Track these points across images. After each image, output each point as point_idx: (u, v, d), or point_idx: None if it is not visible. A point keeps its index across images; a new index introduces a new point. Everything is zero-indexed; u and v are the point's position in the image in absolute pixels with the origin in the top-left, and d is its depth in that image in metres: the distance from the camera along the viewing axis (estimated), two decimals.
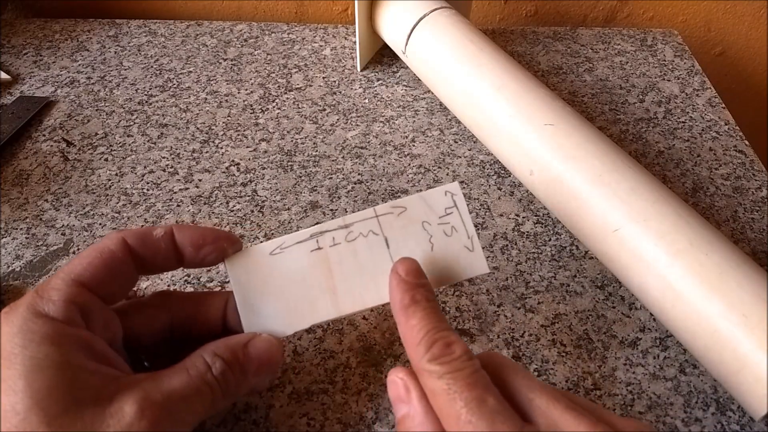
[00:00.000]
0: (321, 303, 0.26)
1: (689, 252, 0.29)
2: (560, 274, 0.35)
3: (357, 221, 0.26)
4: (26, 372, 0.19)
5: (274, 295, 0.26)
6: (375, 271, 0.26)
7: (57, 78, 0.50)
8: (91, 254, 0.24)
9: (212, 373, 0.23)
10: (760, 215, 0.39)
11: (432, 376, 0.21)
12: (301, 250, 0.26)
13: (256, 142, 0.44)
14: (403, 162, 0.42)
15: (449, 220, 0.26)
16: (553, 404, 0.21)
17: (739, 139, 0.44)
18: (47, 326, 0.21)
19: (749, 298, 0.27)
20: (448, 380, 0.21)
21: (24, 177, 0.41)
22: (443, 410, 0.21)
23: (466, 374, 0.21)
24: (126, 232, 0.25)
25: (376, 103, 0.47)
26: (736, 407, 0.29)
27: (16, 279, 0.35)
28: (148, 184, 0.41)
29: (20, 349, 0.20)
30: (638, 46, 0.54)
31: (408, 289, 0.24)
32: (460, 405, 0.20)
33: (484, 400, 0.20)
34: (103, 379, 0.21)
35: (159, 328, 0.26)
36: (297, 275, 0.26)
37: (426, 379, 0.21)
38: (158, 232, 0.25)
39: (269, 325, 0.26)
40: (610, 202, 0.32)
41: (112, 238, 0.24)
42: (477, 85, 0.39)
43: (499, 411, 0.20)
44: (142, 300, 0.27)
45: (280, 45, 0.53)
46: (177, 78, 0.50)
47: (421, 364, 0.22)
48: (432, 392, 0.21)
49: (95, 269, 0.23)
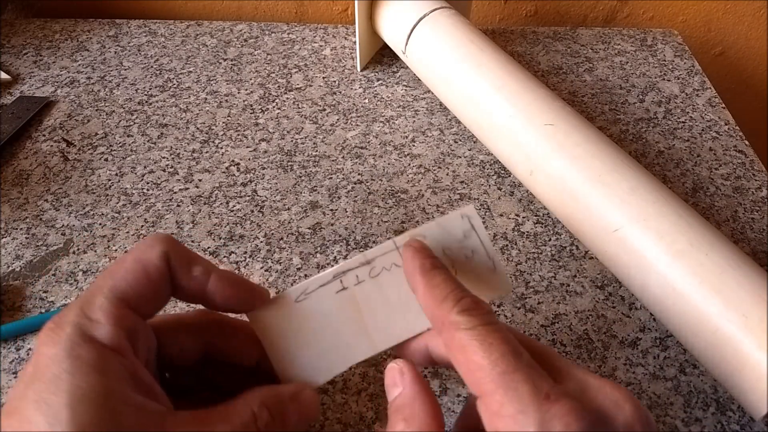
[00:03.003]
0: (355, 343, 0.25)
1: (689, 252, 0.29)
2: (560, 274, 0.35)
3: (378, 255, 0.25)
4: (72, 402, 0.19)
5: (306, 343, 0.25)
6: (403, 304, 0.25)
7: (57, 78, 0.50)
8: (135, 267, 0.22)
9: (257, 426, 0.22)
10: (760, 215, 0.39)
11: (462, 328, 0.20)
12: (327, 293, 0.25)
13: (256, 142, 0.44)
14: (403, 162, 0.42)
15: (469, 243, 0.26)
16: (575, 368, 0.21)
17: (739, 139, 0.44)
18: (96, 353, 0.20)
19: (749, 298, 0.27)
20: (482, 331, 0.20)
21: (24, 177, 0.41)
22: (474, 361, 0.20)
23: (499, 328, 0.20)
24: (170, 247, 0.23)
25: (376, 103, 0.47)
26: (736, 407, 0.29)
27: (16, 279, 0.35)
28: (148, 184, 0.41)
29: (68, 376, 0.19)
30: (638, 46, 0.54)
31: (428, 256, 0.23)
32: (497, 356, 0.19)
33: (520, 353, 0.20)
34: (146, 418, 0.20)
35: (194, 350, 0.25)
36: (326, 319, 0.25)
37: (454, 332, 0.21)
38: (197, 271, 0.23)
39: (306, 373, 0.25)
40: (610, 202, 0.32)
41: (157, 250, 0.23)
42: (477, 85, 0.39)
43: (533, 366, 0.20)
44: (181, 317, 0.25)
45: (280, 45, 0.53)
46: (177, 78, 0.50)
47: (449, 317, 0.21)
48: (461, 345, 0.20)
49: (140, 287, 0.22)
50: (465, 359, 0.20)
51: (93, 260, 0.36)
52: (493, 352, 0.20)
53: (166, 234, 0.24)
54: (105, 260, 0.36)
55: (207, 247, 0.37)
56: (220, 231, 0.38)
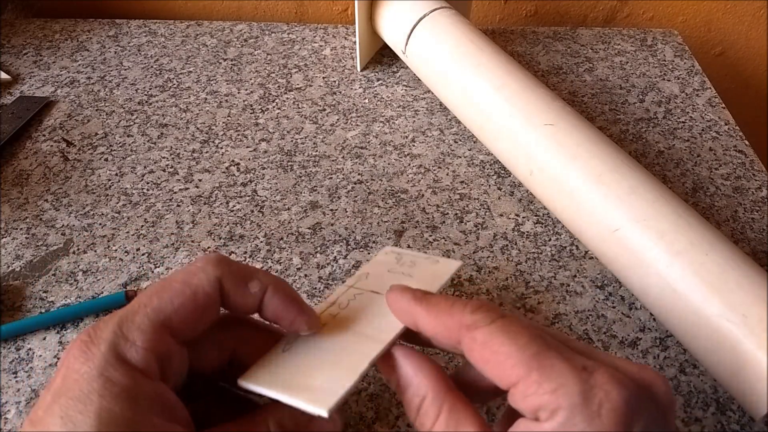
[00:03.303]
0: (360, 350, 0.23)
1: (689, 252, 0.29)
2: (560, 274, 0.35)
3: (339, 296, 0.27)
4: (99, 424, 0.19)
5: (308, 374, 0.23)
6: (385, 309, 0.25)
7: (57, 78, 0.50)
8: (184, 292, 0.22)
9: None
10: (760, 215, 0.39)
11: (482, 325, 0.20)
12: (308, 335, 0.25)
13: (256, 142, 0.44)
14: (403, 162, 0.42)
15: (405, 260, 0.29)
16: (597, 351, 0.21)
17: (739, 139, 0.44)
18: (127, 378, 0.20)
19: (749, 298, 0.27)
20: (502, 323, 0.20)
21: (24, 177, 0.41)
22: (502, 352, 0.20)
23: (518, 318, 0.20)
24: (224, 270, 0.22)
25: (376, 103, 0.47)
26: (736, 407, 0.29)
27: (16, 279, 0.35)
28: (148, 184, 0.41)
29: (98, 397, 0.19)
30: (638, 46, 0.54)
31: (409, 290, 0.23)
32: (524, 341, 0.19)
33: (545, 337, 0.20)
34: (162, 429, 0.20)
35: (221, 359, 0.24)
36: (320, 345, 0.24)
37: (473, 332, 0.20)
38: (254, 287, 0.23)
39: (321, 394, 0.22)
40: (610, 202, 0.32)
41: (209, 275, 0.22)
42: (477, 85, 0.39)
43: (562, 347, 0.20)
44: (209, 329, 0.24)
45: (280, 45, 0.53)
46: (177, 78, 0.50)
47: (464, 320, 0.21)
48: (484, 342, 0.20)
49: (186, 313, 0.21)
50: (492, 353, 0.20)
51: (93, 260, 0.36)
52: (519, 338, 0.19)
53: (219, 255, 0.23)
54: (105, 260, 0.36)
55: (207, 247, 0.37)
56: (220, 231, 0.38)
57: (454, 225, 0.38)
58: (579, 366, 0.19)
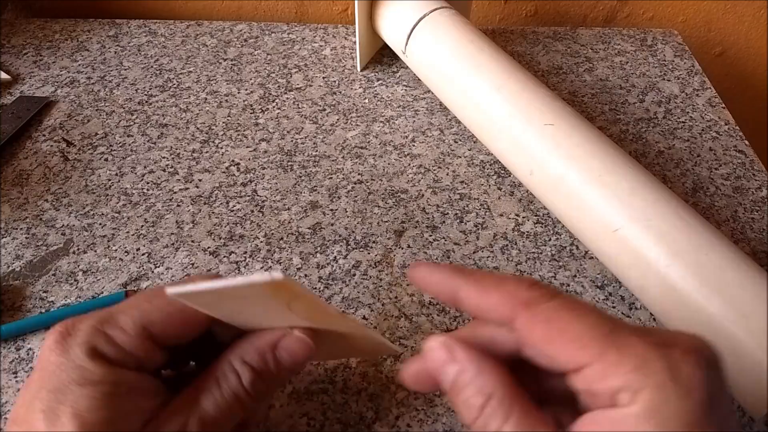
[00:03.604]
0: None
1: (689, 252, 0.29)
2: (560, 274, 0.35)
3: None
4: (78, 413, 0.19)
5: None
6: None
7: (57, 78, 0.50)
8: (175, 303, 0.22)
9: (243, 385, 0.22)
10: (760, 215, 0.39)
11: (541, 301, 0.19)
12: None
13: (256, 142, 0.44)
14: (403, 162, 0.42)
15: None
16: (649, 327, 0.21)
17: (739, 139, 0.44)
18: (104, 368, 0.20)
19: (749, 298, 0.27)
20: (564, 301, 0.19)
21: (24, 177, 0.41)
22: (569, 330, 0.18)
23: (575, 297, 0.20)
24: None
25: (376, 103, 0.47)
26: (736, 407, 0.29)
27: (16, 279, 0.35)
28: (148, 184, 0.41)
29: (77, 387, 0.20)
30: (638, 46, 0.54)
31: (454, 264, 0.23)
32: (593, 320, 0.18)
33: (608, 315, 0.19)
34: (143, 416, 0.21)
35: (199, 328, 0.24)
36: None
37: (533, 309, 0.19)
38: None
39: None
40: (610, 202, 0.32)
41: None
42: (477, 85, 0.39)
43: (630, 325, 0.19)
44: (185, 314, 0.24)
45: (280, 45, 0.53)
46: (177, 78, 0.50)
47: (521, 296, 0.20)
48: (546, 319, 0.19)
49: (173, 329, 0.22)
50: (558, 331, 0.19)
51: (93, 260, 0.36)
52: (587, 317, 0.19)
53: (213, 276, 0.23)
54: (105, 260, 0.36)
55: (207, 247, 0.37)
56: (220, 231, 0.38)
57: (454, 225, 0.38)
58: (656, 341, 0.18)
